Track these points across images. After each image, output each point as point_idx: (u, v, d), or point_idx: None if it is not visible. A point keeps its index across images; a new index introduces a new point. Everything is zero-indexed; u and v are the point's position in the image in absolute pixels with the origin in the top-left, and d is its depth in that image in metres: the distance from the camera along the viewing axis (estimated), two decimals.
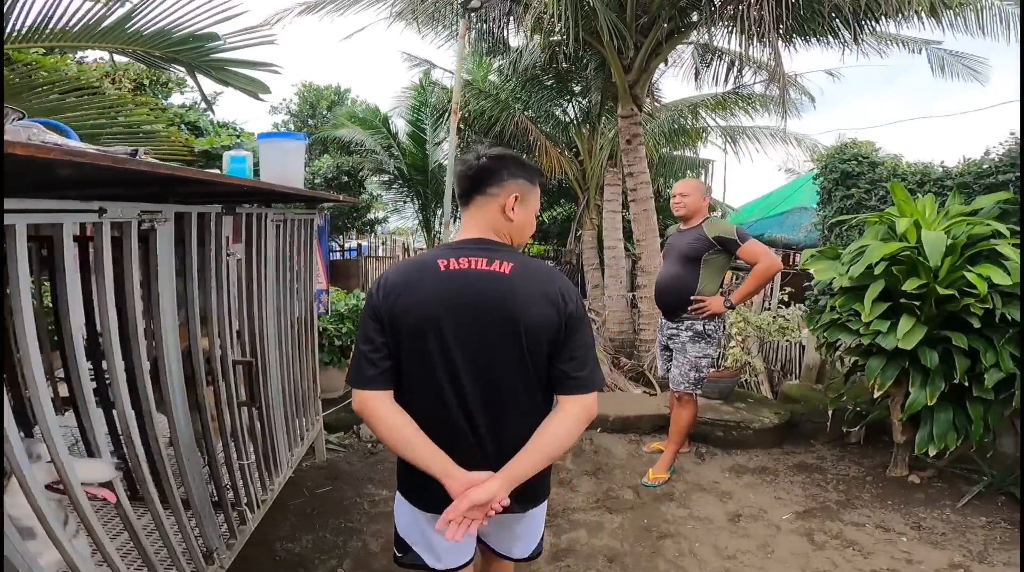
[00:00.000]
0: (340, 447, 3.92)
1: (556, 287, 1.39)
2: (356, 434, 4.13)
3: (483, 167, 1.44)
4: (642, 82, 7.14)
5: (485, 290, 1.35)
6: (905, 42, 7.10)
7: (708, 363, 3.42)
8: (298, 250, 2.85)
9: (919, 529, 3.02)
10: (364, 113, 12.18)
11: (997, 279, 2.76)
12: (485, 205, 1.45)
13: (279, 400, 2.56)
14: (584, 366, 1.40)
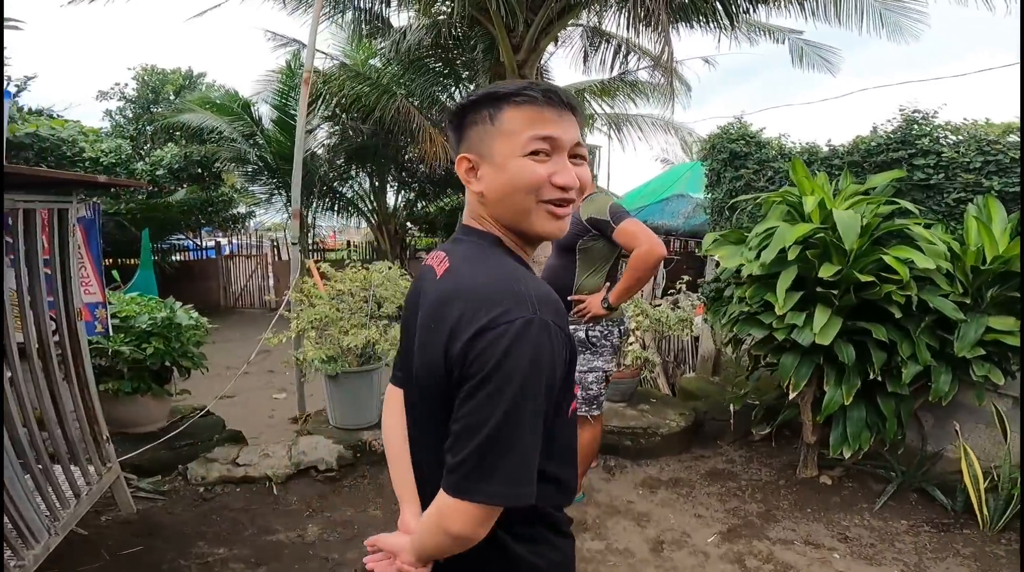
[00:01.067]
0: (158, 494, 3.13)
1: (456, 312, 0.86)
2: (183, 476, 3.31)
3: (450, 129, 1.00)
4: (531, 62, 6.80)
5: (413, 302, 1.02)
6: (772, 31, 7.33)
7: (597, 378, 2.76)
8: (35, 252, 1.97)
9: (847, 541, 2.80)
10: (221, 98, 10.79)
11: (920, 263, 2.48)
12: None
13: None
14: (456, 447, 0.85)
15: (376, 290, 3.31)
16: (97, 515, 2.83)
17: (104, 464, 2.65)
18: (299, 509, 3.06)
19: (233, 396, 5.90)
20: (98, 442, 2.60)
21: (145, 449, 3.21)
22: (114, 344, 3.07)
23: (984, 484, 2.82)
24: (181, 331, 3.27)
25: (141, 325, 3.13)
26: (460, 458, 0.83)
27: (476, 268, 0.91)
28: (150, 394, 3.33)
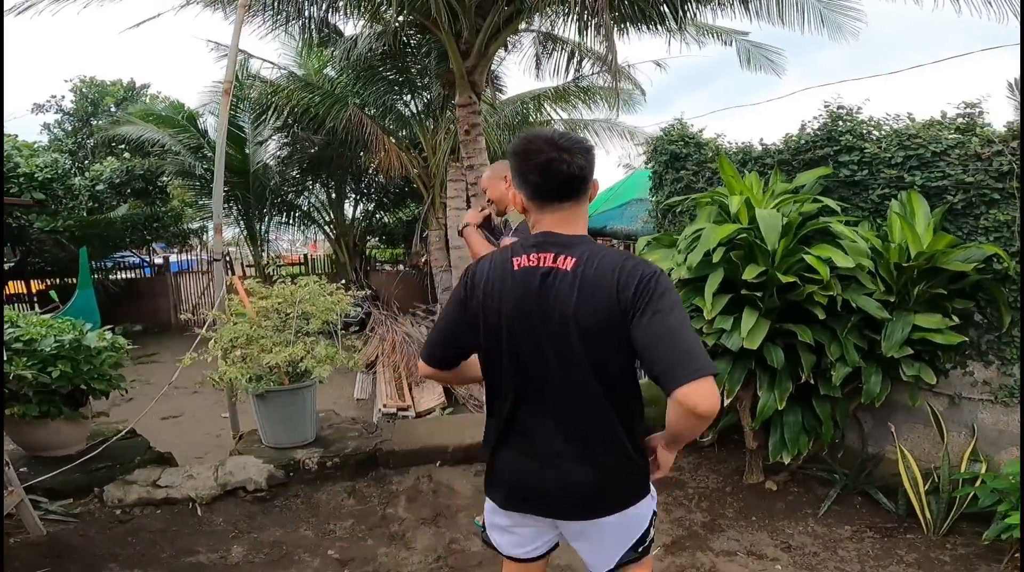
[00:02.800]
0: (69, 517, 2.99)
1: (619, 279, 1.26)
2: (99, 499, 3.16)
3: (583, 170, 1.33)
4: (481, 67, 6.72)
5: (549, 291, 1.30)
6: (719, 33, 7.39)
7: None
8: None
9: (790, 550, 2.73)
10: (166, 110, 10.43)
11: (840, 262, 2.43)
12: (579, 204, 1.37)
13: None
14: (664, 352, 1.19)
15: (301, 306, 3.16)
16: (5, 537, 2.71)
17: (5, 488, 2.57)
18: (224, 530, 2.94)
19: (179, 415, 5.71)
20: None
21: (57, 473, 3.06)
22: (16, 368, 2.88)
23: (925, 486, 2.78)
24: (91, 353, 3.08)
25: (46, 348, 2.94)
26: (677, 354, 1.16)
27: (609, 251, 1.31)
28: (62, 418, 3.17)
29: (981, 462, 2.74)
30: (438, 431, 3.93)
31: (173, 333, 10.14)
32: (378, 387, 6.52)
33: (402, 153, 8.59)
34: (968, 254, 2.59)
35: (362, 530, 2.97)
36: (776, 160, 3.30)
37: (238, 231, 10.72)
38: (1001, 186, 2.61)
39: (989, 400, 2.83)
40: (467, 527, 2.97)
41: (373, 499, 3.28)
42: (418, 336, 7.51)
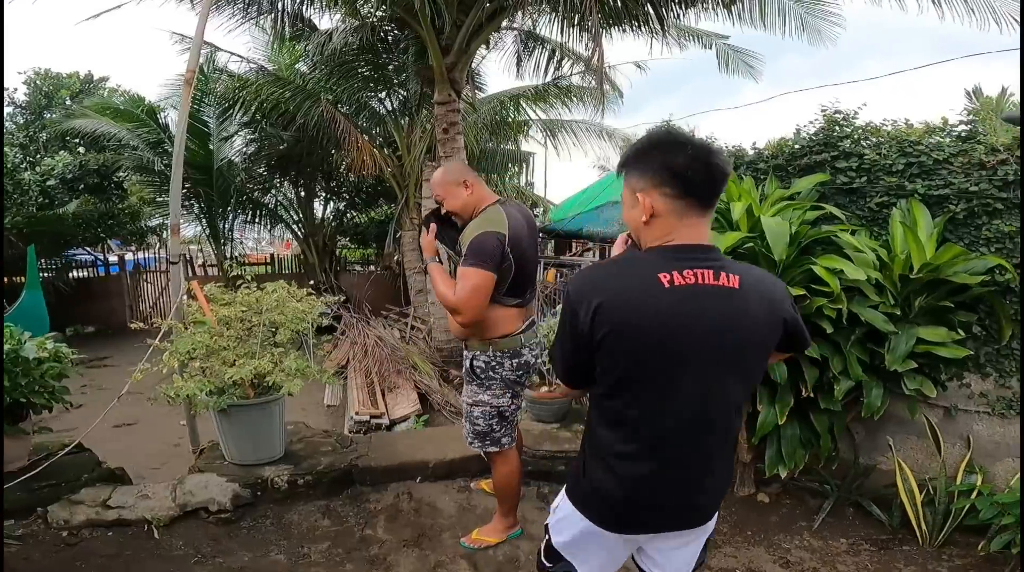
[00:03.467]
0: (11, 539, 2.73)
1: (779, 295, 1.30)
2: (43, 519, 2.88)
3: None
4: (461, 65, 6.56)
5: (720, 312, 1.21)
6: (700, 36, 7.39)
7: (483, 413, 2.46)
8: None
9: (788, 566, 2.65)
10: (124, 103, 9.92)
11: (850, 273, 2.33)
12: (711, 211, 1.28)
13: None
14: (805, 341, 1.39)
15: (268, 314, 2.92)
16: None
17: None
18: (185, 555, 2.71)
19: (134, 423, 5.38)
20: None
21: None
22: None
23: (920, 498, 2.73)
24: (30, 365, 2.79)
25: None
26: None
27: (757, 271, 1.31)
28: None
29: (977, 474, 2.71)
30: (418, 445, 3.73)
31: (128, 335, 9.62)
32: (350, 393, 6.27)
33: (376, 151, 8.33)
34: (971, 265, 2.53)
35: (339, 553, 2.77)
36: (770, 165, 3.20)
37: (200, 229, 10.27)
38: (1005, 196, 2.56)
39: (986, 412, 2.79)
40: (453, 549, 2.79)
41: (350, 519, 3.07)
42: (390, 339, 7.27)
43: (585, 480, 1.40)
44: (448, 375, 6.84)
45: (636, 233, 1.29)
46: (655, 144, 1.22)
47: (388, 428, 5.53)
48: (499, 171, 10.07)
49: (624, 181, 1.27)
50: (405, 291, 9.10)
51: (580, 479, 1.41)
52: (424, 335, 7.74)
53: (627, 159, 1.26)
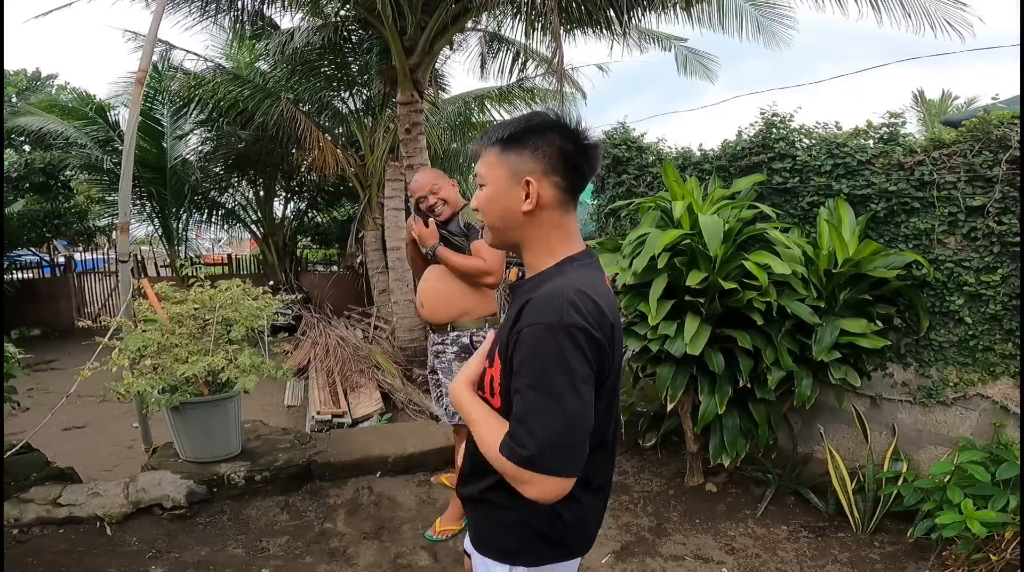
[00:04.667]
0: None
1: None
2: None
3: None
4: (425, 66, 6.59)
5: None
6: (660, 39, 7.58)
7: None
8: None
9: (734, 552, 2.78)
10: (73, 101, 9.63)
11: (777, 268, 2.49)
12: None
13: None
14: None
15: (222, 312, 2.92)
16: None
17: None
18: (139, 550, 2.72)
19: (83, 425, 5.25)
20: None
21: None
22: None
23: (851, 486, 2.88)
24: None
25: None
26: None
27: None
28: None
29: (902, 461, 2.88)
30: (377, 440, 3.77)
31: (76, 338, 9.33)
32: (311, 393, 6.23)
33: (338, 151, 8.28)
34: (889, 261, 2.72)
35: (299, 547, 2.80)
36: (714, 166, 3.36)
37: (152, 229, 10.02)
38: (921, 195, 2.76)
39: (908, 401, 2.98)
40: (413, 540, 2.84)
41: (309, 513, 3.10)
42: (353, 339, 7.25)
43: (557, 522, 1.12)
44: (411, 374, 6.86)
45: (501, 222, 1.10)
46: (551, 125, 1.06)
47: (351, 427, 5.53)
48: (462, 172, 10.12)
49: (499, 159, 1.07)
50: (368, 291, 9.07)
51: (543, 528, 1.12)
52: (387, 335, 7.74)
53: (514, 134, 1.06)
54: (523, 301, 1.03)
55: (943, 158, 2.71)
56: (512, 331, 1.02)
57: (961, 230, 2.70)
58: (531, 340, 0.97)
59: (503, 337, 1.07)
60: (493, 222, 1.12)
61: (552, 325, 0.95)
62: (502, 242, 1.14)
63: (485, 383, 1.12)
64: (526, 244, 1.12)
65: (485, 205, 1.10)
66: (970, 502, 2.23)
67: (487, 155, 1.09)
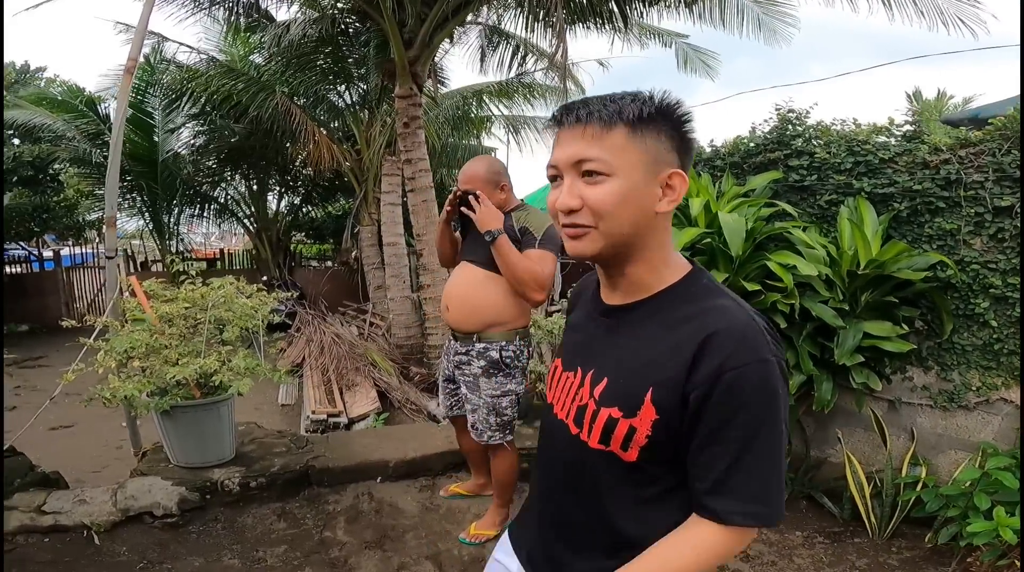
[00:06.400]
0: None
1: None
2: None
3: None
4: (424, 59, 6.47)
5: None
6: (661, 35, 7.49)
7: (511, 402, 2.54)
8: None
9: (749, 560, 2.69)
10: (62, 94, 9.47)
11: (803, 269, 2.38)
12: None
13: None
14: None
15: (214, 311, 2.79)
16: None
17: None
18: (130, 560, 2.60)
19: (71, 425, 5.13)
20: None
21: None
22: None
23: (869, 490, 2.81)
24: None
25: None
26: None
27: None
28: None
29: (921, 465, 2.81)
30: (377, 444, 3.64)
31: (64, 334, 9.18)
32: (306, 392, 6.11)
33: (333, 145, 8.15)
34: (914, 262, 2.63)
35: (297, 557, 2.68)
36: (727, 163, 3.25)
37: (143, 223, 9.86)
38: (947, 194, 2.66)
39: (928, 405, 2.90)
40: (416, 550, 2.73)
41: (308, 521, 2.97)
42: (348, 337, 7.13)
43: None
44: (408, 372, 6.76)
45: (630, 226, 0.86)
46: (678, 108, 0.86)
47: (347, 427, 5.42)
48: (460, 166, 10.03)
49: (631, 142, 0.83)
50: (363, 287, 8.95)
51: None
52: (383, 332, 7.63)
53: (651, 112, 0.84)
54: (682, 334, 0.83)
55: (970, 157, 2.62)
56: (692, 377, 0.81)
57: (988, 231, 2.61)
58: (750, 384, 0.79)
59: (655, 379, 0.84)
60: (618, 226, 0.85)
61: (766, 361, 0.80)
62: (614, 250, 0.87)
63: (614, 439, 0.87)
64: (643, 253, 0.88)
65: (612, 204, 0.83)
66: (1003, 509, 2.15)
67: (609, 137, 0.82)
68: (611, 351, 0.92)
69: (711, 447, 0.82)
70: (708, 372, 0.80)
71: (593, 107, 0.84)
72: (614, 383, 0.89)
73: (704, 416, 0.81)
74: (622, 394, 0.87)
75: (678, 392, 0.82)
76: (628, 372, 0.88)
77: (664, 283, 0.90)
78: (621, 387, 0.88)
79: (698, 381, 0.80)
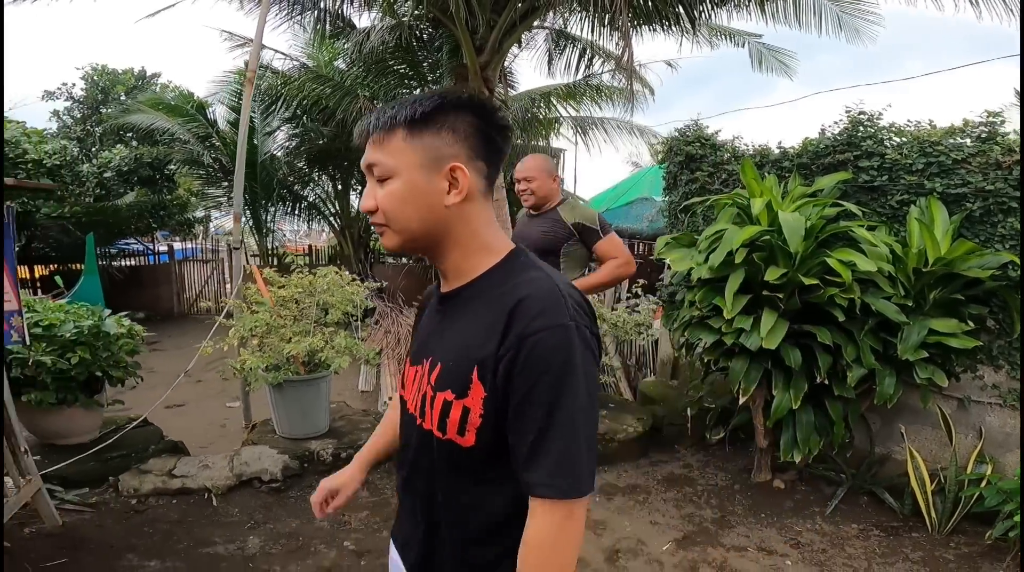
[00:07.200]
0: (85, 507, 2.96)
1: None
2: (114, 488, 3.14)
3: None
4: (494, 64, 6.73)
5: None
6: (732, 35, 7.36)
7: None
8: None
9: (799, 547, 2.78)
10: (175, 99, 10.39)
11: (862, 265, 2.47)
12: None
13: None
14: None
15: (321, 296, 3.18)
16: (20, 527, 2.68)
17: (23, 476, 2.50)
18: (240, 521, 2.95)
19: (183, 404, 5.70)
20: (16, 455, 2.46)
21: (72, 461, 3.05)
22: (35, 353, 2.88)
23: (931, 487, 2.83)
24: (110, 340, 3.09)
25: (65, 334, 2.95)
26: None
27: None
28: (78, 405, 3.15)
29: (987, 464, 2.80)
30: None
31: (176, 320, 10.14)
32: (382, 379, 6.55)
33: None
34: (984, 261, 2.64)
35: (377, 522, 2.99)
36: (795, 163, 3.33)
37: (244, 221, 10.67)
38: (1020, 194, 2.65)
39: (997, 403, 2.89)
40: None
41: (387, 491, 3.30)
42: None
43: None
44: None
45: (418, 222, 0.90)
46: (464, 102, 0.91)
47: None
48: None
49: (407, 143, 0.88)
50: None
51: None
52: None
53: (426, 112, 0.88)
54: (496, 309, 0.86)
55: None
56: (503, 345, 0.82)
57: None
58: (548, 347, 0.80)
59: (477, 357, 0.85)
60: (405, 223, 0.90)
61: (566, 326, 0.81)
62: (414, 245, 0.93)
63: (450, 423, 0.87)
64: (449, 244, 0.92)
65: (395, 204, 0.89)
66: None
67: (389, 140, 0.88)
68: (443, 336, 0.95)
69: (521, 418, 0.82)
70: (513, 339, 0.81)
71: (378, 115, 0.91)
72: (445, 367, 0.90)
73: (512, 383, 0.82)
74: (453, 376, 0.88)
75: (493, 364, 0.83)
76: (455, 354, 0.89)
77: (484, 267, 0.92)
78: (451, 369, 0.89)
79: (506, 348, 0.82)
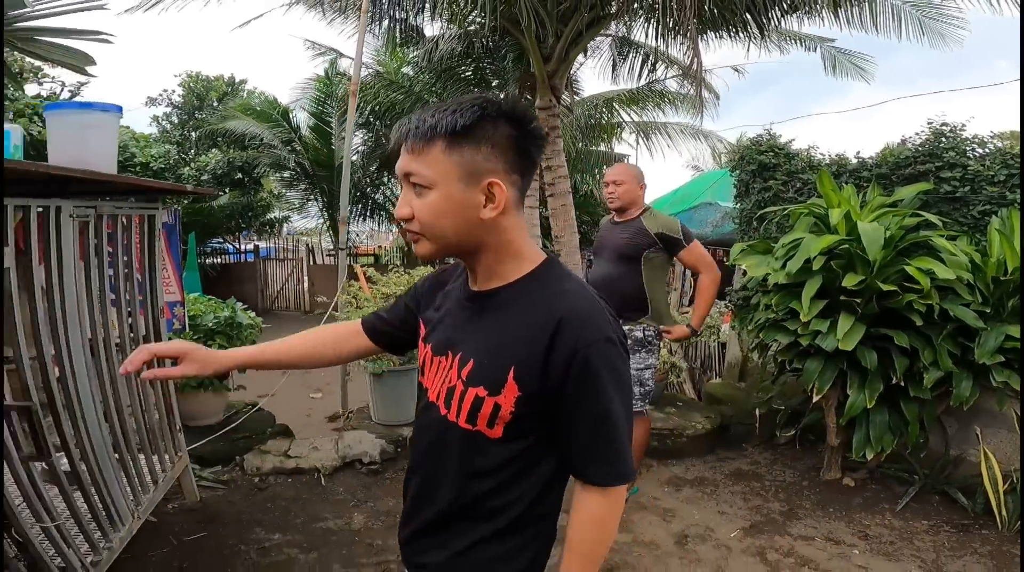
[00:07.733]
0: (218, 483, 3.32)
1: None
2: (240, 467, 3.50)
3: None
4: (561, 72, 6.93)
5: None
6: (803, 39, 7.25)
7: (652, 374, 3.04)
8: (131, 254, 2.22)
9: (867, 539, 2.88)
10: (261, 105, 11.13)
11: (941, 273, 2.59)
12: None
13: (102, 440, 2.03)
14: None
15: None
16: (164, 502, 2.93)
17: (176, 453, 2.76)
18: (345, 499, 3.23)
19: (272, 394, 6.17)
20: (172, 432, 2.72)
21: (205, 441, 3.41)
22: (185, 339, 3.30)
23: (1004, 486, 2.89)
24: (241, 329, 3.52)
25: (207, 323, 3.39)
26: None
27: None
28: (211, 389, 3.55)
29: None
30: None
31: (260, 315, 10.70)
32: None
33: None
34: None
35: None
36: (873, 174, 3.43)
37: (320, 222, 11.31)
38: None
39: None
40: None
41: None
42: None
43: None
44: None
45: (454, 234, 0.92)
46: (502, 111, 0.90)
47: None
48: (592, 172, 10.36)
49: (447, 155, 0.89)
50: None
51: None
52: None
53: (467, 124, 0.88)
54: (539, 316, 0.91)
55: None
56: (552, 353, 0.89)
57: None
58: (601, 357, 0.89)
59: (516, 358, 0.90)
60: (441, 234, 0.92)
61: (611, 338, 0.91)
62: (447, 253, 0.96)
63: (481, 417, 0.93)
64: (483, 251, 0.96)
65: (432, 216, 0.91)
66: None
67: (428, 150, 0.89)
68: (476, 334, 0.97)
69: (577, 419, 0.91)
70: (565, 349, 0.88)
71: (415, 123, 0.91)
72: (479, 364, 0.94)
73: (566, 392, 0.89)
74: (487, 374, 0.92)
75: (537, 369, 0.89)
76: (491, 353, 0.93)
77: (520, 272, 0.96)
78: (486, 368, 0.93)
79: (558, 356, 0.88)
